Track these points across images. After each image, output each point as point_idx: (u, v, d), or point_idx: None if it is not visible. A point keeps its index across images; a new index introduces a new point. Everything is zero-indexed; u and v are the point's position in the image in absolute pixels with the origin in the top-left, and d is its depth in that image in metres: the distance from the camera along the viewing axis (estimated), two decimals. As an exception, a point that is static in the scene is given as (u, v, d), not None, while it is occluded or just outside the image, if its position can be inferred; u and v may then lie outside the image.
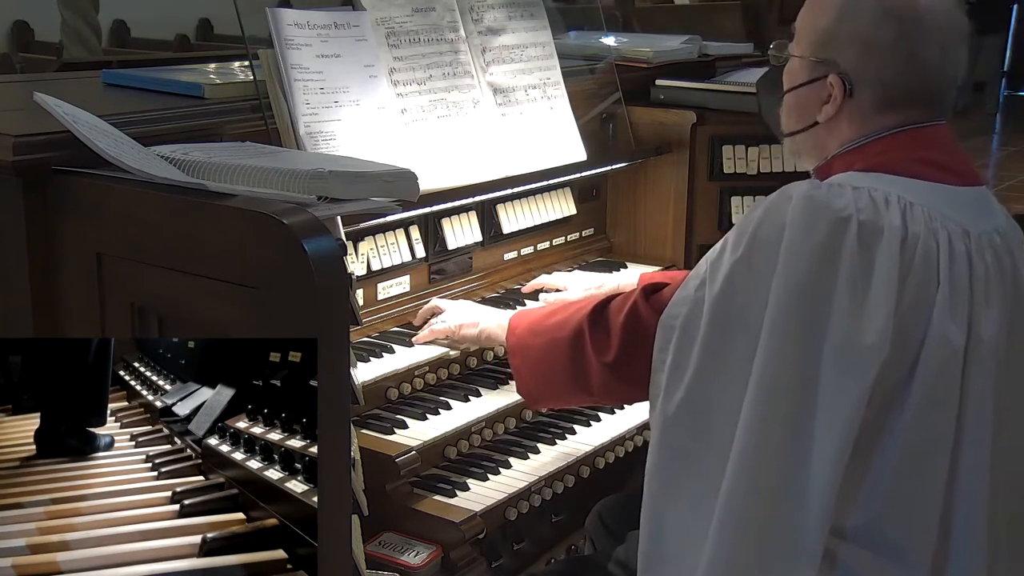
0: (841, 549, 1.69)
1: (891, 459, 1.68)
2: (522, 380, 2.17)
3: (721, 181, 3.04)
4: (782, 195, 1.70)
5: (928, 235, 1.68)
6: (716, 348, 1.70)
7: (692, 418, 1.72)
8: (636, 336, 1.91)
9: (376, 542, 2.03)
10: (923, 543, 1.69)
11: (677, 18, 8.71)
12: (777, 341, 1.64)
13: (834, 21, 1.80)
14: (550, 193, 2.91)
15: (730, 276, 1.70)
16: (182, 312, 1.67)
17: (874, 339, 1.62)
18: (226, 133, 2.09)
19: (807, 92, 1.86)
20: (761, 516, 1.64)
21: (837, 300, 1.62)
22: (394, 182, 1.75)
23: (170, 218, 1.64)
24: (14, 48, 8.23)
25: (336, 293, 1.52)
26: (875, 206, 1.67)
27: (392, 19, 2.45)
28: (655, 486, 1.77)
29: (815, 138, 1.89)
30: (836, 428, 1.61)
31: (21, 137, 1.79)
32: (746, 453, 1.63)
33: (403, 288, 2.57)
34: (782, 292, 1.64)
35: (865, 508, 1.69)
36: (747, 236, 1.70)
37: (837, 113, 1.82)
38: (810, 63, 1.85)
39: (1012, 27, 14.52)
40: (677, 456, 1.74)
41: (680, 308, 1.77)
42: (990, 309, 1.72)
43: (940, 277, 1.68)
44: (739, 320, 1.68)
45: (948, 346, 1.67)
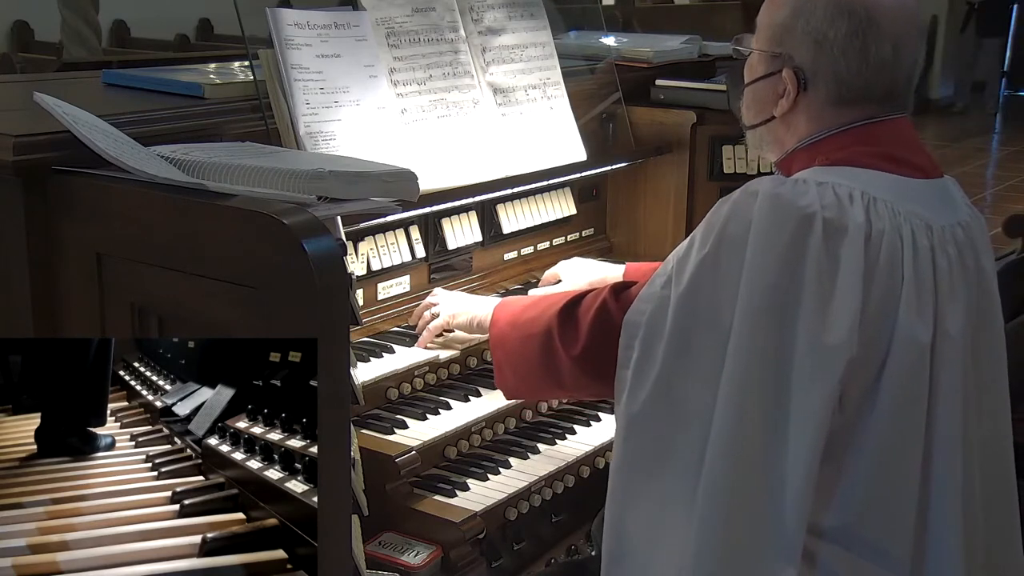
0: (821, 549, 1.70)
1: (866, 459, 1.70)
2: (501, 374, 2.16)
3: (721, 181, 3.04)
4: (746, 192, 1.71)
5: (892, 231, 1.69)
6: (682, 346, 1.71)
7: (657, 417, 1.73)
8: (604, 333, 1.91)
9: (376, 542, 2.03)
10: (901, 540, 1.71)
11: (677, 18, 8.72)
12: (747, 341, 1.64)
13: (789, 16, 1.81)
14: (550, 193, 2.91)
15: (697, 274, 1.70)
16: (182, 312, 1.67)
17: (841, 338, 1.63)
18: (226, 133, 2.09)
19: (764, 86, 1.88)
20: (740, 516, 1.64)
21: (805, 300, 1.63)
22: (394, 182, 1.75)
23: (170, 218, 1.64)
24: (14, 48, 8.23)
25: (336, 293, 1.52)
26: (839, 202, 1.68)
27: (392, 19, 2.45)
28: (619, 485, 1.78)
29: (773, 132, 1.90)
30: (808, 426, 1.63)
31: (21, 137, 1.79)
32: (721, 454, 1.64)
33: (403, 288, 2.57)
34: (750, 292, 1.65)
35: (843, 508, 1.70)
36: (714, 234, 1.70)
37: (793, 108, 1.83)
38: (767, 57, 1.86)
39: (1012, 28, 14.52)
40: (641, 455, 1.75)
41: (646, 305, 1.77)
42: (955, 304, 1.74)
43: (904, 273, 1.69)
44: (706, 318, 1.69)
45: (915, 343, 1.68)
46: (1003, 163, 11.11)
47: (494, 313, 2.20)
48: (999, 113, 14.10)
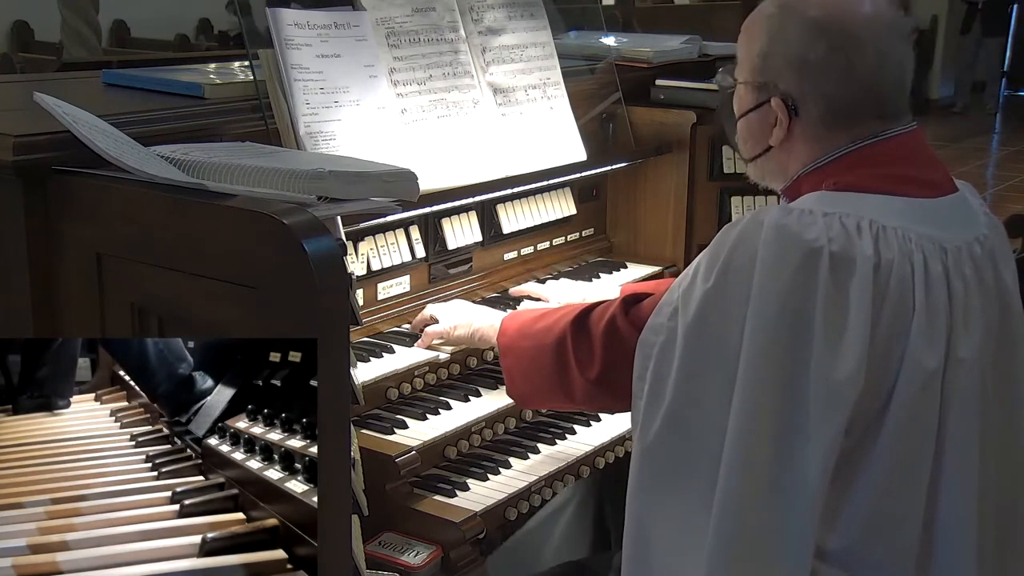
0: (822, 571, 1.70)
1: (870, 484, 1.69)
2: (512, 381, 2.17)
3: (721, 181, 3.04)
4: (753, 222, 1.68)
5: (902, 259, 1.66)
6: (691, 379, 1.70)
7: (669, 447, 1.72)
8: (615, 350, 1.91)
9: (376, 542, 2.03)
10: (904, 565, 1.70)
11: (677, 18, 8.73)
12: (756, 374, 1.63)
13: (766, 45, 1.79)
14: (550, 193, 2.91)
15: (703, 306, 1.69)
16: (182, 312, 1.67)
17: (851, 371, 1.61)
18: (226, 133, 2.09)
19: (756, 117, 1.86)
20: (749, 547, 1.64)
21: (814, 335, 1.62)
22: (394, 182, 1.75)
23: (170, 218, 1.64)
24: (14, 48, 8.24)
25: (336, 293, 1.52)
26: (847, 234, 1.65)
27: (392, 19, 2.45)
28: (635, 513, 1.78)
29: (774, 161, 1.87)
30: (817, 459, 1.62)
31: (21, 137, 1.78)
32: (731, 489, 1.64)
33: (403, 288, 2.57)
34: (757, 328, 1.63)
35: (846, 531, 1.70)
36: (719, 265, 1.68)
37: (789, 135, 1.81)
38: (753, 88, 1.84)
39: (1012, 28, 14.54)
40: (655, 484, 1.75)
41: (655, 336, 1.76)
42: (970, 328, 1.71)
43: (916, 302, 1.66)
44: (714, 350, 1.68)
45: (923, 372, 1.66)
46: (1003, 163, 11.13)
47: (503, 323, 2.20)
48: (999, 113, 14.12)
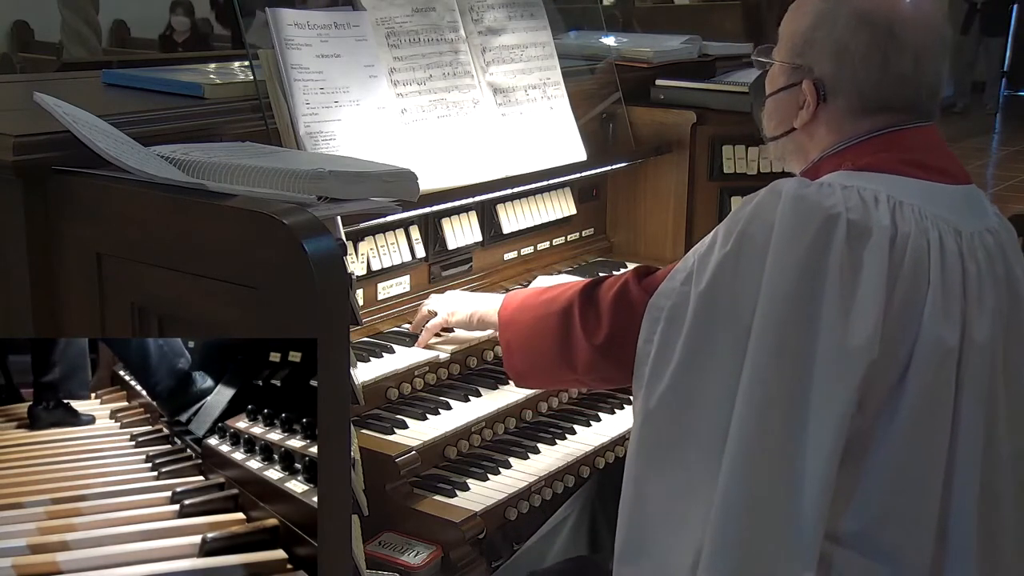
0: (836, 554, 1.69)
1: (886, 465, 1.68)
2: (511, 355, 2.15)
3: (721, 181, 3.04)
4: (772, 191, 1.70)
5: (918, 234, 1.68)
6: (701, 342, 1.70)
7: (673, 412, 1.72)
8: (624, 317, 1.91)
9: (376, 542, 2.03)
10: (919, 548, 1.69)
11: (677, 18, 8.74)
12: (767, 341, 1.64)
13: (810, 27, 1.81)
14: (550, 193, 2.91)
15: (718, 271, 1.70)
16: (182, 312, 1.67)
17: (863, 340, 1.61)
18: (226, 133, 2.09)
19: (785, 97, 1.88)
20: (757, 518, 1.64)
21: (827, 301, 1.62)
22: (394, 182, 1.75)
23: (170, 218, 1.64)
24: (14, 48, 8.25)
25: (336, 293, 1.52)
26: (864, 205, 1.67)
27: (392, 19, 2.45)
28: (633, 477, 1.77)
29: (795, 143, 1.90)
30: (827, 427, 1.62)
31: (21, 137, 1.79)
32: (739, 454, 1.64)
33: (403, 288, 2.57)
34: (772, 293, 1.64)
35: (860, 514, 1.69)
36: (736, 232, 1.70)
37: (814, 118, 1.83)
38: (788, 68, 1.86)
39: (1012, 28, 14.54)
40: (657, 448, 1.75)
41: (666, 300, 1.77)
42: (983, 311, 1.71)
43: (931, 277, 1.67)
44: (725, 316, 1.68)
45: (941, 347, 1.66)
46: (1003, 163, 11.13)
47: (504, 300, 2.20)
48: (999, 113, 14.12)
